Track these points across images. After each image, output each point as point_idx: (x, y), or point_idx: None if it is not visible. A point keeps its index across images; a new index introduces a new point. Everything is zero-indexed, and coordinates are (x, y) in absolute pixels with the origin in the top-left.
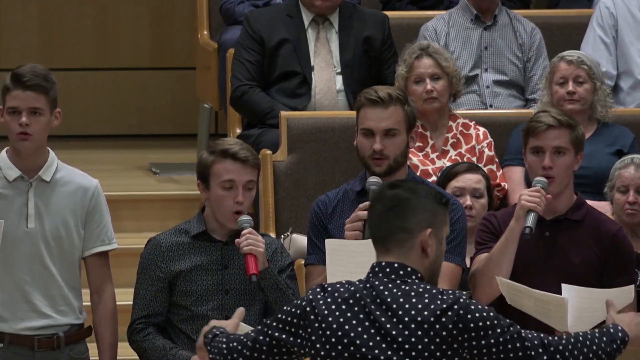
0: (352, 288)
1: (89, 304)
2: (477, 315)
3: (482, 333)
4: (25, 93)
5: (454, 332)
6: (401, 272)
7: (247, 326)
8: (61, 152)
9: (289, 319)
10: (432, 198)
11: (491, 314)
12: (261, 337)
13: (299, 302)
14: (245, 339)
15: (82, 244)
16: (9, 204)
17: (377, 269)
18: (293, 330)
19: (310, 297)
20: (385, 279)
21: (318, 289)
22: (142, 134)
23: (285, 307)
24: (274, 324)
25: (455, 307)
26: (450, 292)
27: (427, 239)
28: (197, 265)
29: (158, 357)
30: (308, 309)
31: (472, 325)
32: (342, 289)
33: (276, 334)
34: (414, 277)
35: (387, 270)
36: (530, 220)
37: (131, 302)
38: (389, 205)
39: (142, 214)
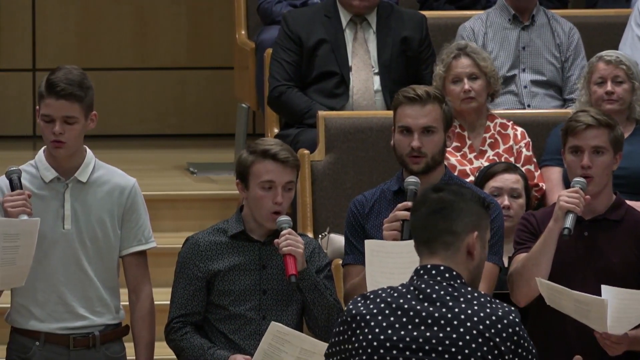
0: (396, 294)
1: (127, 303)
2: (527, 337)
3: (527, 356)
4: (58, 102)
5: (507, 343)
6: (447, 275)
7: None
8: (99, 152)
9: (336, 338)
10: (477, 201)
11: (533, 350)
12: None
13: (340, 319)
14: None
15: (119, 244)
16: (45, 206)
17: (421, 272)
18: (337, 348)
19: (351, 306)
20: (432, 281)
21: (359, 298)
22: (180, 133)
23: (331, 339)
24: (327, 350)
25: (506, 321)
26: (498, 302)
27: (474, 242)
28: (235, 265)
29: (196, 356)
30: (349, 319)
31: (524, 344)
32: (384, 295)
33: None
34: (459, 281)
35: (433, 272)
36: (569, 221)
37: (169, 302)
38: (435, 207)
39: (180, 213)
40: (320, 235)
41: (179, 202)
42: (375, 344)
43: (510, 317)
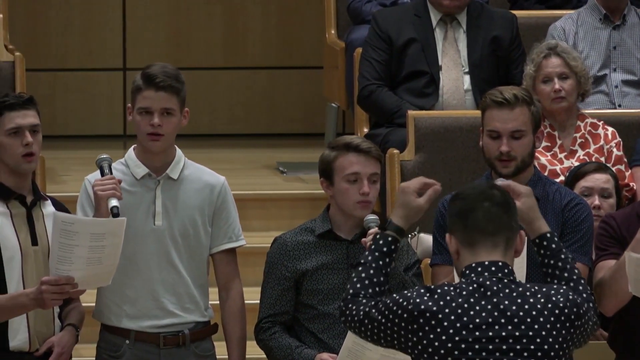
0: (464, 292)
1: (217, 302)
2: (584, 305)
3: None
4: (157, 94)
5: (576, 323)
6: (506, 271)
7: None
8: (189, 151)
9: (395, 320)
10: None
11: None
12: (374, 310)
13: (408, 298)
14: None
15: (209, 242)
16: (136, 202)
17: (479, 269)
18: (403, 324)
19: (417, 299)
20: (494, 278)
21: (422, 291)
22: (269, 133)
23: (397, 299)
24: (387, 310)
25: (569, 304)
26: (553, 287)
27: (522, 240)
28: (323, 264)
29: (284, 356)
30: (416, 312)
31: (583, 316)
32: (452, 292)
33: (385, 317)
34: (511, 277)
35: (493, 269)
36: None
37: (258, 301)
38: (499, 201)
39: (270, 213)
40: (409, 235)
41: (269, 202)
42: (449, 345)
43: (570, 298)
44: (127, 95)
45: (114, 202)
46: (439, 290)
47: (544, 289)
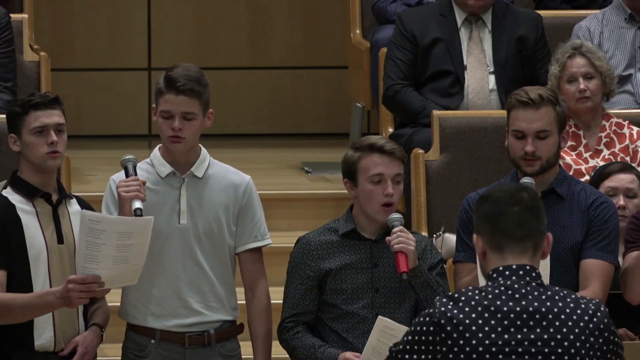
0: (490, 296)
1: (243, 302)
2: (614, 328)
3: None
4: (178, 98)
5: (605, 334)
6: (533, 275)
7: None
8: (214, 151)
9: (421, 338)
10: None
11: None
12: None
13: (425, 319)
14: None
15: (233, 241)
16: (161, 200)
17: (507, 272)
18: (423, 347)
19: (442, 308)
20: (522, 282)
21: (445, 300)
22: (294, 132)
23: (410, 330)
24: (403, 349)
25: (599, 314)
26: (581, 296)
27: (550, 243)
28: (347, 263)
29: (307, 355)
30: (442, 321)
31: (615, 334)
32: (477, 297)
33: (404, 353)
34: (539, 281)
35: (521, 272)
36: None
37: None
38: (529, 205)
39: (295, 212)
40: (434, 235)
41: (294, 202)
42: (480, 349)
43: (602, 310)
44: (152, 95)
45: (137, 204)
46: (462, 298)
47: (573, 295)
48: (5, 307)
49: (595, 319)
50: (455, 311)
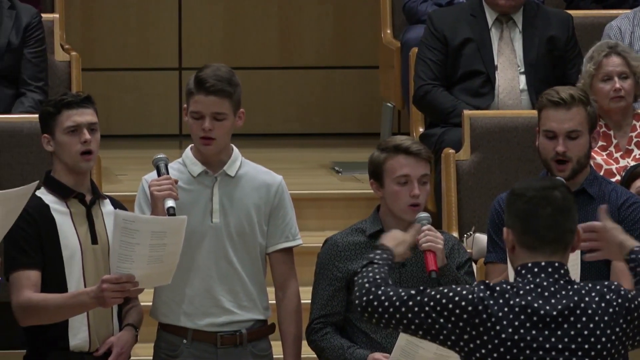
0: (521, 292)
1: (274, 302)
2: (637, 299)
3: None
4: (208, 98)
5: (624, 324)
6: (562, 272)
7: None
8: (245, 151)
9: (455, 311)
10: None
11: None
12: (418, 298)
13: (466, 295)
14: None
15: (264, 240)
16: (193, 199)
17: (536, 270)
18: (453, 319)
19: (481, 295)
20: (551, 279)
21: (482, 287)
22: (324, 132)
23: (449, 293)
24: (433, 302)
25: (620, 300)
26: (603, 284)
27: (580, 237)
28: None
29: (336, 356)
30: (480, 307)
31: (636, 310)
32: (510, 291)
33: (431, 309)
34: (567, 277)
35: (549, 270)
36: None
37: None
38: (561, 206)
39: (325, 212)
40: (465, 235)
41: (324, 202)
42: (509, 344)
43: (621, 293)
44: (183, 95)
45: (170, 203)
46: (497, 288)
47: (598, 287)
48: (40, 307)
49: (617, 307)
50: (491, 301)
